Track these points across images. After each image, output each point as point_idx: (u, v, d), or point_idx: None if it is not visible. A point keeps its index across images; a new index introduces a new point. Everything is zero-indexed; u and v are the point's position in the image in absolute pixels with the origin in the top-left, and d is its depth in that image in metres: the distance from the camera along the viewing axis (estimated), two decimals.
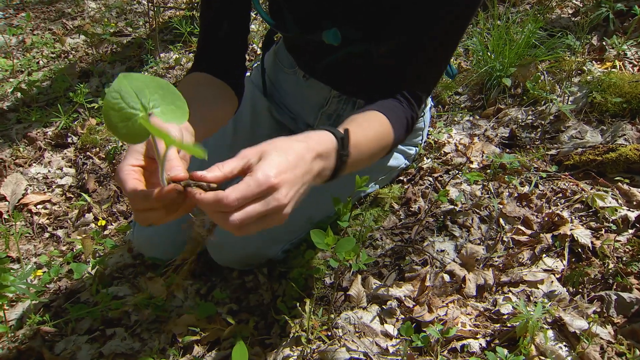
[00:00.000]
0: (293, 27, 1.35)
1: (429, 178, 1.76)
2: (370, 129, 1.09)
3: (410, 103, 1.21)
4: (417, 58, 1.21)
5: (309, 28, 1.32)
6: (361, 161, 1.05)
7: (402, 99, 1.21)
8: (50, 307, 1.59)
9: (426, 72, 1.24)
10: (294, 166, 0.83)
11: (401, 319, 1.34)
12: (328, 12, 1.29)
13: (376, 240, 1.59)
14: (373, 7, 1.25)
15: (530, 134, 1.90)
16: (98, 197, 2.04)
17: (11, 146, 2.32)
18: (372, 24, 1.27)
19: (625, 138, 1.72)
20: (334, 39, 1.27)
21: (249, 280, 1.56)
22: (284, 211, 0.81)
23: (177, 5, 3.38)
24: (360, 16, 1.27)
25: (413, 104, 1.22)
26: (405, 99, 1.21)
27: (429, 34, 1.18)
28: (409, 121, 1.21)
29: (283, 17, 1.35)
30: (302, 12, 1.32)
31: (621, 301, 1.26)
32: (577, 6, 2.58)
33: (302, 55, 1.56)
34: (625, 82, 1.86)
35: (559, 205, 1.59)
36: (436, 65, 1.24)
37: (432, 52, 1.21)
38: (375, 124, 1.12)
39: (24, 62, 2.91)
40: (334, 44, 1.29)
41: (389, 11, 1.24)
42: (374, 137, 1.09)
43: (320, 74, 1.53)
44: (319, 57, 1.44)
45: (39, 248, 1.87)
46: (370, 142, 1.07)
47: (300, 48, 1.54)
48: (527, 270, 1.40)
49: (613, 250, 1.39)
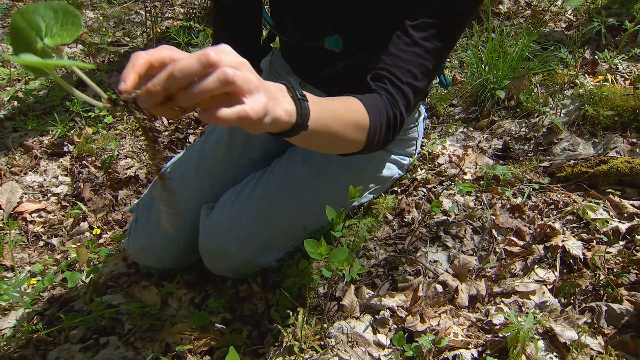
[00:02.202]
0: (294, 32, 1.35)
1: (423, 189, 1.78)
2: (334, 100, 1.01)
3: (393, 97, 1.12)
4: (402, 47, 1.13)
5: (311, 34, 1.32)
6: (331, 121, 0.94)
7: (383, 90, 1.12)
8: (44, 316, 1.59)
9: (409, 61, 1.13)
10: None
11: (394, 328, 1.35)
12: (331, 18, 1.30)
13: (370, 250, 1.59)
14: (376, 14, 1.25)
15: (523, 146, 1.92)
16: (93, 205, 2.04)
17: (7, 154, 2.33)
18: (375, 31, 1.27)
19: (616, 150, 1.74)
20: (335, 45, 1.27)
21: (242, 289, 1.57)
22: (234, 72, 0.68)
23: (174, 15, 3.40)
24: (364, 23, 1.28)
25: (395, 98, 1.12)
26: (386, 92, 1.12)
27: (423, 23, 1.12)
28: (389, 115, 1.10)
29: (284, 21, 1.36)
30: (304, 17, 1.33)
31: (611, 312, 1.27)
32: (570, 20, 2.61)
33: (299, 62, 1.56)
34: (617, 96, 1.88)
35: (551, 216, 1.60)
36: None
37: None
38: (341, 99, 1.04)
39: (22, 70, 2.92)
40: (335, 50, 1.29)
41: (394, 17, 1.21)
42: (340, 106, 1.00)
43: (317, 82, 1.54)
44: (317, 64, 1.44)
45: (33, 256, 1.87)
46: (335, 109, 0.97)
47: (299, 53, 1.54)
48: (519, 281, 1.41)
49: (604, 261, 1.40)
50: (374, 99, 1.08)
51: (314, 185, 1.51)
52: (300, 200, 1.50)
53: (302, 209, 1.51)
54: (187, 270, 1.67)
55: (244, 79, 0.69)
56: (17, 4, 3.80)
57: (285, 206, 1.48)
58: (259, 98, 0.71)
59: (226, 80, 0.67)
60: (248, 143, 1.64)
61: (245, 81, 0.69)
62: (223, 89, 0.68)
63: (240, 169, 1.60)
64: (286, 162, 1.53)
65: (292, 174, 1.50)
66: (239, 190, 1.52)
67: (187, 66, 0.66)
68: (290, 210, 1.49)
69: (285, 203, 1.48)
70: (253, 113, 0.70)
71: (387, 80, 1.12)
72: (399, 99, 1.12)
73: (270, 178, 1.51)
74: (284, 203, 1.48)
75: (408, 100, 1.13)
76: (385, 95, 1.11)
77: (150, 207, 1.59)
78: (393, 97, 1.11)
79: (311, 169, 1.50)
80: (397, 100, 1.11)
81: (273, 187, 1.49)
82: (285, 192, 1.49)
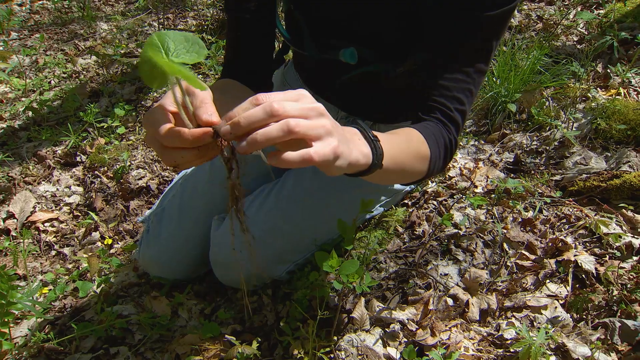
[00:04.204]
0: (310, 45, 1.37)
1: (434, 202, 1.77)
2: (397, 134, 1.04)
3: (445, 124, 1.14)
4: (446, 75, 1.14)
5: (326, 47, 1.33)
6: (400, 155, 0.97)
7: (434, 120, 1.14)
8: (55, 325, 1.59)
9: (454, 88, 1.15)
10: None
11: (404, 342, 1.34)
12: (347, 32, 1.31)
13: (380, 263, 1.59)
14: (393, 29, 1.26)
15: (534, 160, 1.91)
16: (105, 215, 2.06)
17: (21, 164, 2.35)
18: (391, 45, 1.28)
19: (629, 165, 1.73)
20: (351, 58, 1.28)
21: (253, 301, 1.57)
22: (326, 122, 0.75)
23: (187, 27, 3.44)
24: (380, 37, 1.28)
25: (448, 125, 1.14)
26: (437, 120, 1.14)
27: (460, 47, 1.13)
28: (446, 141, 1.12)
29: (300, 34, 1.37)
30: (320, 31, 1.34)
31: (625, 328, 1.26)
32: (582, 34, 2.61)
33: (313, 74, 1.57)
34: (630, 109, 1.87)
35: (563, 230, 1.59)
36: (466, 79, 1.15)
37: (463, 65, 1.14)
38: (403, 131, 1.06)
39: (36, 81, 2.96)
40: (350, 62, 1.29)
41: (412, 31, 1.22)
42: (404, 139, 1.03)
43: (330, 95, 1.55)
44: (331, 76, 1.44)
45: (45, 265, 1.88)
46: (401, 143, 1.00)
47: (313, 66, 1.55)
48: (530, 295, 1.40)
49: (617, 277, 1.39)
50: (430, 127, 1.11)
51: (325, 198, 1.51)
52: (311, 212, 1.50)
53: (313, 221, 1.51)
54: (197, 280, 1.68)
55: (308, 127, 0.72)
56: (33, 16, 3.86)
57: (296, 218, 1.49)
58: (328, 142, 0.74)
59: (289, 131, 0.70)
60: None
61: (311, 129, 0.72)
62: (285, 138, 0.71)
63: (251, 180, 1.60)
64: (297, 174, 1.53)
65: (304, 186, 1.50)
66: (250, 201, 1.52)
67: (252, 115, 0.71)
68: (301, 222, 1.49)
69: (297, 215, 1.49)
70: (318, 157, 0.72)
71: (438, 110, 1.14)
72: (451, 125, 1.14)
73: (281, 190, 1.51)
74: (295, 215, 1.48)
75: (458, 125, 1.16)
76: (438, 123, 1.13)
77: (161, 218, 1.60)
78: (445, 124, 1.14)
79: (322, 181, 1.51)
80: (449, 127, 1.14)
81: (284, 199, 1.50)
82: (297, 204, 1.49)
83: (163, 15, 3.58)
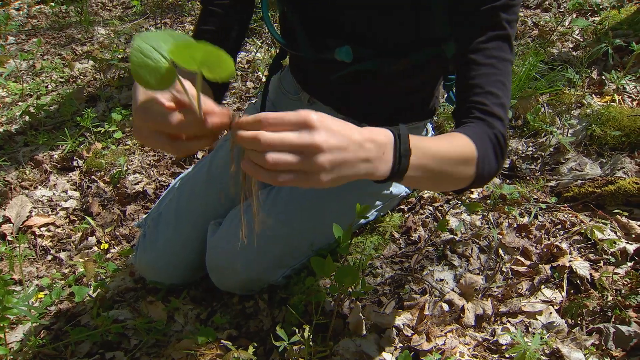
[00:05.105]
0: (305, 45, 1.37)
1: (430, 207, 1.78)
2: (437, 137, 1.01)
3: (486, 121, 1.09)
4: (472, 73, 1.11)
5: (322, 46, 1.34)
6: (434, 163, 0.95)
7: (474, 120, 1.09)
8: (51, 330, 1.59)
9: (485, 84, 1.11)
10: (342, 124, 0.80)
11: (399, 347, 1.35)
12: (342, 30, 1.32)
13: (376, 268, 1.60)
14: (390, 28, 1.27)
15: (530, 165, 1.92)
16: (101, 220, 2.06)
17: (17, 168, 2.35)
18: (386, 43, 1.29)
19: (624, 171, 1.74)
20: (346, 56, 1.29)
21: (249, 305, 1.57)
22: (320, 160, 0.76)
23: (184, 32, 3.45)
24: (376, 36, 1.30)
25: (489, 121, 1.09)
26: (477, 119, 1.09)
27: (472, 42, 1.11)
28: (491, 137, 1.07)
29: (295, 36, 1.37)
30: (315, 30, 1.35)
31: (619, 334, 1.26)
32: (577, 41, 2.62)
33: (308, 75, 1.58)
34: (624, 116, 1.89)
35: (558, 236, 1.60)
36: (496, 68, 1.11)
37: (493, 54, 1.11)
38: (446, 136, 1.03)
39: (33, 86, 2.96)
40: (346, 60, 1.30)
41: (408, 29, 1.24)
42: (445, 142, 1.00)
43: (326, 96, 1.55)
44: (327, 76, 1.44)
45: (41, 270, 1.88)
46: (440, 145, 0.97)
47: (309, 66, 1.55)
48: (525, 301, 1.41)
49: (612, 282, 1.40)
50: (473, 127, 1.07)
51: (321, 202, 1.51)
52: (307, 217, 1.50)
53: (309, 225, 1.52)
54: (193, 285, 1.68)
55: (308, 180, 0.78)
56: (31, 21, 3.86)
57: (292, 223, 1.49)
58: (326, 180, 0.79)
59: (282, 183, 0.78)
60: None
61: (310, 176, 0.78)
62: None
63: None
64: None
65: (300, 191, 1.51)
66: (248, 204, 1.52)
67: (274, 145, 0.75)
68: (298, 227, 1.50)
69: (293, 220, 1.49)
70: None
71: (475, 110, 1.10)
72: (492, 120, 1.09)
73: (277, 195, 1.52)
74: (291, 220, 1.49)
75: (500, 118, 1.10)
76: (479, 121, 1.09)
77: (158, 223, 1.60)
78: (485, 121, 1.09)
79: None
80: (491, 122, 1.09)
81: (280, 204, 1.50)
82: (293, 209, 1.50)
83: (160, 20, 3.59)
